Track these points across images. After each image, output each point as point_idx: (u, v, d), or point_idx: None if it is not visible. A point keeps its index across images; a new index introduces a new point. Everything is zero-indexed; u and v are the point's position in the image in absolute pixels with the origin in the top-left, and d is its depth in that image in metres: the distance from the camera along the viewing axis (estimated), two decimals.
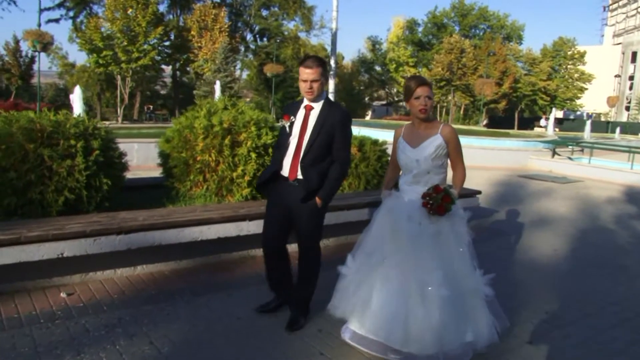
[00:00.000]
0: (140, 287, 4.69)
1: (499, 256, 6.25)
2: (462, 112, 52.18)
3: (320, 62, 3.66)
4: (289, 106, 3.95)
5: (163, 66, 43.13)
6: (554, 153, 17.64)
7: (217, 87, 23.65)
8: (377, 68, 60.51)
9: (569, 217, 8.93)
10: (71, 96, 18.45)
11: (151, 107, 45.10)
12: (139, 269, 5.04)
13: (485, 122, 49.99)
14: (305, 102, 3.76)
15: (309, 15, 48.85)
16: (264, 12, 49.32)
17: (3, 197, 4.79)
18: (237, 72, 47.17)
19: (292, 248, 3.96)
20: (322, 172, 3.69)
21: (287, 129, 3.75)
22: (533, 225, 8.07)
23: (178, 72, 45.04)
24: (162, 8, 41.48)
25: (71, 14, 41.70)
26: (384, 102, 64.57)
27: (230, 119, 6.13)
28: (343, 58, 59.29)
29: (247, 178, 6.02)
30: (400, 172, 3.80)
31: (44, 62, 45.33)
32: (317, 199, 3.69)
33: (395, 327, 3.22)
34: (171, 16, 43.98)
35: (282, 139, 3.81)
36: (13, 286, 4.45)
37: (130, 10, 33.41)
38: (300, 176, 3.69)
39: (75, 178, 4.91)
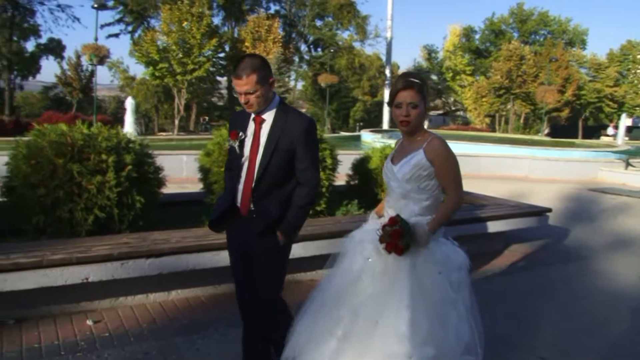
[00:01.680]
0: (173, 315, 4.34)
1: (576, 284, 5.52)
2: (522, 121, 50.33)
3: (255, 66, 2.78)
4: (236, 117, 3.10)
5: (218, 78, 43.72)
6: (628, 164, 16.27)
7: None
8: (434, 77, 59.16)
9: None
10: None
11: (207, 118, 45.76)
12: (174, 294, 4.68)
13: (546, 131, 47.95)
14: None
15: (364, 25, 48.29)
16: (318, 23, 49.21)
17: (31, 214, 4.52)
18: (292, 83, 47.26)
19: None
20: (283, 200, 2.93)
21: (237, 149, 2.96)
22: (612, 246, 7.21)
23: None
24: (216, 20, 42.18)
25: (129, 28, 43.07)
26: (440, 112, 63.23)
27: None
28: (398, 67, 58.36)
29: None
30: None
31: (105, 76, 47.19)
32: (279, 234, 2.91)
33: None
34: (225, 28, 44.60)
35: (233, 162, 3.04)
36: (39, 311, 4.19)
37: (185, 23, 33.95)
38: (253, 208, 2.93)
39: (105, 195, 4.57)
